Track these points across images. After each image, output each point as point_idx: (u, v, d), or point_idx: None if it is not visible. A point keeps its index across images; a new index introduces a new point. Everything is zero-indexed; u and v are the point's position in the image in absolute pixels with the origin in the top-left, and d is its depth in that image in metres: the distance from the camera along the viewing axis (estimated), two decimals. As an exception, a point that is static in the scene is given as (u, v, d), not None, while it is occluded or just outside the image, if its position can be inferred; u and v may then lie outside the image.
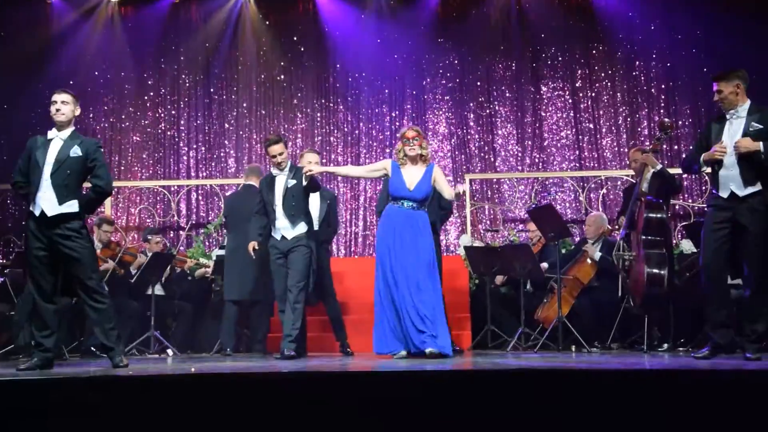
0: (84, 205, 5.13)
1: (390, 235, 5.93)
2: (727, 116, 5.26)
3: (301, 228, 6.48)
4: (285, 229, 6.46)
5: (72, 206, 5.03)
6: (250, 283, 7.26)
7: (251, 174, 7.69)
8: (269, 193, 6.54)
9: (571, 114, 10.07)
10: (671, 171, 7.30)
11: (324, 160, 9.58)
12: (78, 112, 5.23)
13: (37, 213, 4.99)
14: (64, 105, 5.13)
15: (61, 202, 4.99)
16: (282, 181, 6.54)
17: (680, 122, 9.81)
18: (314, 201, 6.93)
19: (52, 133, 5.13)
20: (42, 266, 5.01)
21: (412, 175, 5.99)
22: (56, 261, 5.04)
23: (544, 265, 7.54)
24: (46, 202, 4.98)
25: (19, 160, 5.18)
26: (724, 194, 5.18)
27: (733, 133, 5.19)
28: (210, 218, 10.00)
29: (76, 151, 5.06)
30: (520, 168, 10.01)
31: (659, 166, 6.61)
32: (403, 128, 6.34)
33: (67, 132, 5.13)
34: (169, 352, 7.54)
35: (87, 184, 5.29)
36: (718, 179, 5.21)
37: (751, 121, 5.16)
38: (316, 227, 6.83)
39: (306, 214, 6.55)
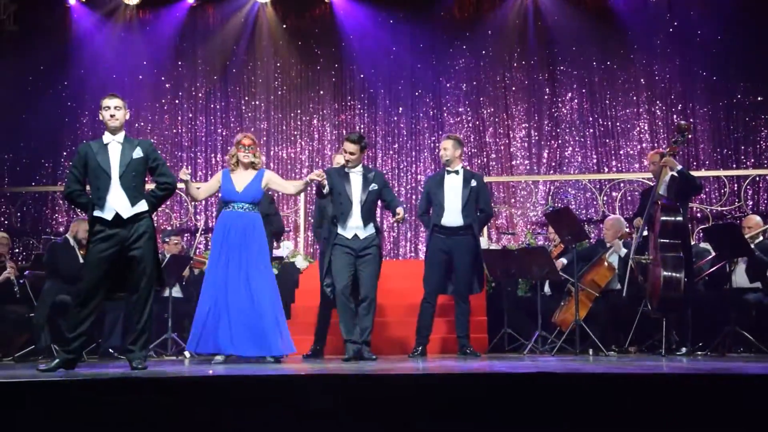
0: (153, 203, 5.23)
1: (222, 238, 6.06)
2: None
3: (371, 229, 6.45)
4: (358, 228, 6.38)
5: (143, 206, 5.13)
6: None
7: None
8: (343, 186, 6.41)
9: (589, 116, 10.04)
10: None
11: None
12: (128, 115, 5.31)
13: (109, 217, 5.04)
14: (117, 110, 5.17)
15: (133, 203, 5.07)
16: (358, 181, 6.43)
17: (698, 125, 9.75)
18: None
19: (107, 138, 5.17)
20: (102, 270, 5.03)
21: (242, 179, 6.12)
22: (117, 265, 5.08)
23: (563, 260, 7.51)
24: (119, 204, 5.05)
25: (72, 170, 5.20)
26: None
27: None
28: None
29: (138, 152, 5.15)
30: (537, 170, 9.98)
31: (679, 167, 6.58)
32: (239, 135, 6.37)
33: (121, 135, 5.19)
34: (186, 354, 7.56)
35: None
36: None
37: None
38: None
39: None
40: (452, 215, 6.72)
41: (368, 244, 6.38)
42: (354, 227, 6.37)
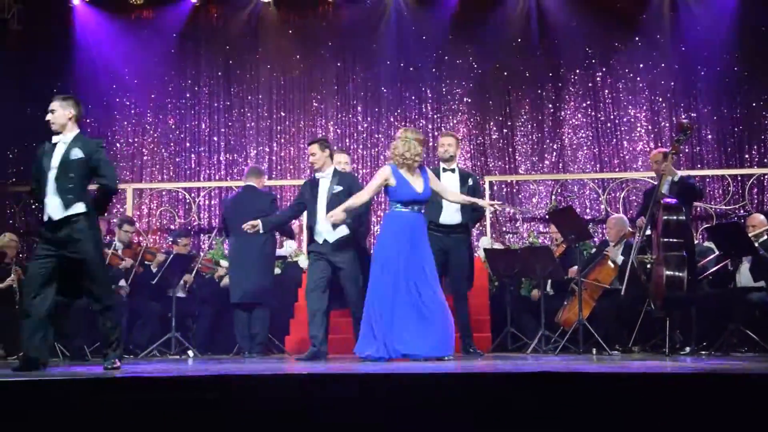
0: (93, 205, 5.11)
1: (402, 239, 5.78)
2: None
3: (343, 230, 6.34)
4: (327, 233, 6.35)
5: (78, 208, 4.98)
6: (253, 285, 7.23)
7: (251, 175, 7.66)
8: (311, 197, 6.48)
9: (592, 115, 10.03)
10: (692, 173, 7.26)
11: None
12: (74, 111, 5.16)
13: (45, 219, 4.99)
14: (51, 113, 5.13)
15: (66, 205, 4.95)
16: (325, 186, 6.45)
17: (703, 123, 9.73)
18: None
19: (56, 138, 5.12)
20: (40, 275, 4.95)
21: (417, 179, 5.90)
22: (56, 271, 4.98)
23: (574, 269, 7.43)
24: (52, 207, 4.97)
25: (32, 169, 5.21)
26: None
27: None
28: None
29: (77, 153, 5.03)
30: (539, 170, 9.98)
31: (678, 176, 6.58)
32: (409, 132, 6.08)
33: (71, 135, 5.11)
34: (190, 353, 7.58)
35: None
36: None
37: None
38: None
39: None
40: (450, 213, 6.66)
41: (339, 247, 6.38)
42: (322, 232, 6.39)
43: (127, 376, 4.16)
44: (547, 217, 9.16)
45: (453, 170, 6.83)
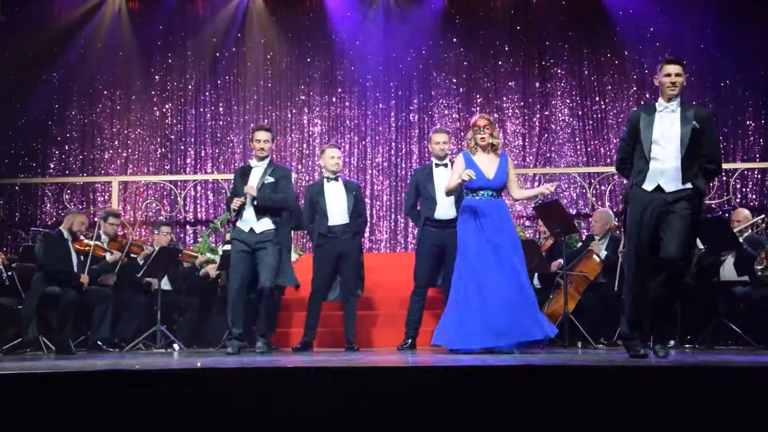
0: None
1: (476, 225, 5.85)
2: (662, 108, 4.92)
3: (269, 224, 6.38)
4: (256, 222, 6.36)
5: None
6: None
7: None
8: (241, 184, 6.46)
9: (578, 109, 10.05)
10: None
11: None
12: None
13: None
14: None
15: None
16: (258, 174, 6.46)
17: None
18: (340, 193, 6.97)
19: None
20: None
21: (489, 164, 5.92)
22: None
23: (559, 261, 7.46)
24: None
25: None
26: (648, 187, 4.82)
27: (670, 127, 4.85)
28: (216, 213, 10.00)
29: None
30: (526, 163, 10.00)
31: None
32: (474, 116, 6.18)
33: None
34: (176, 346, 7.55)
35: None
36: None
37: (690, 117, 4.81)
38: (347, 220, 6.90)
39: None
40: (444, 208, 6.69)
41: (264, 239, 6.37)
42: (248, 220, 6.39)
43: (114, 370, 4.15)
44: (533, 211, 9.16)
45: (445, 165, 6.84)
